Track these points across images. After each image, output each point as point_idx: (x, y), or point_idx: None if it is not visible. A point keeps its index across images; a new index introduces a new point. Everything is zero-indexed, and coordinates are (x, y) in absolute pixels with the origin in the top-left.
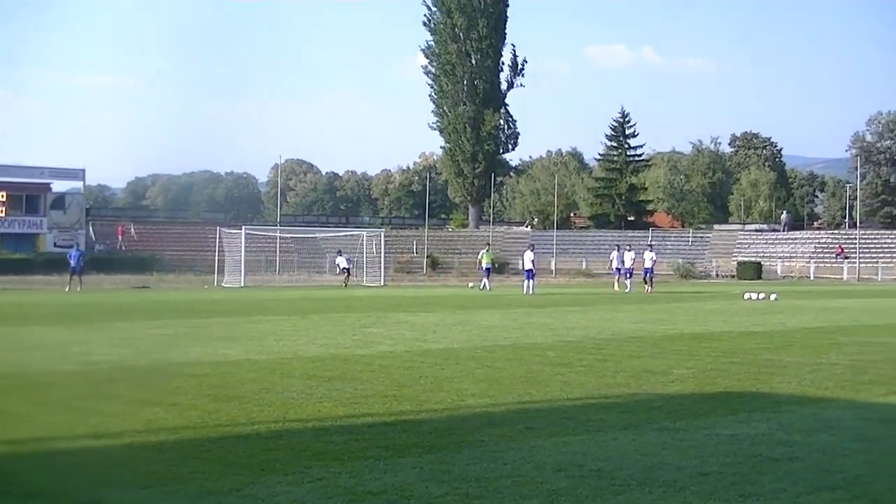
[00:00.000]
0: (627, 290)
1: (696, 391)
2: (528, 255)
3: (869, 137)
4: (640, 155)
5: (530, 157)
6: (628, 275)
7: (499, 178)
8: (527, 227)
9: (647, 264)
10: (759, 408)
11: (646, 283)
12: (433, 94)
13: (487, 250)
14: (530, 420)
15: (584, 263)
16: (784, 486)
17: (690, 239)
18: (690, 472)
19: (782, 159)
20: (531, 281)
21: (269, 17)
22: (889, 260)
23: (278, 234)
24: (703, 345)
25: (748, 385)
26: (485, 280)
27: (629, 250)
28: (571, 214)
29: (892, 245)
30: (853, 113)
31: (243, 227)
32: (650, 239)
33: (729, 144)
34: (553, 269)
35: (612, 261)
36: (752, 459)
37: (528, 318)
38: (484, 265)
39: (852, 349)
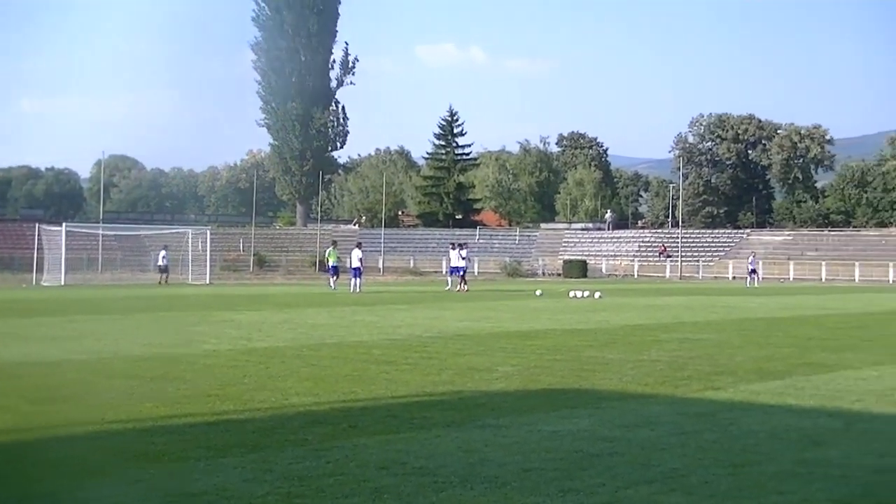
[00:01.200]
0: (447, 287)
1: (520, 388)
2: (356, 254)
3: (691, 139)
4: (468, 154)
5: (359, 155)
6: (456, 272)
7: (327, 176)
8: (355, 225)
9: (455, 263)
10: (581, 404)
11: (465, 282)
12: (261, 90)
13: (334, 248)
14: (355, 418)
15: (412, 262)
16: (604, 481)
17: (518, 238)
18: (513, 469)
19: (608, 159)
20: (358, 279)
21: (89, 9)
22: (710, 259)
23: (101, 232)
24: (527, 342)
25: (571, 382)
26: (332, 279)
27: (455, 249)
28: (400, 212)
29: (713, 244)
30: (677, 115)
31: (63, 224)
32: (477, 237)
33: (556, 144)
34: (381, 267)
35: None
36: (573, 455)
37: (354, 316)
38: (331, 263)
39: (672, 346)
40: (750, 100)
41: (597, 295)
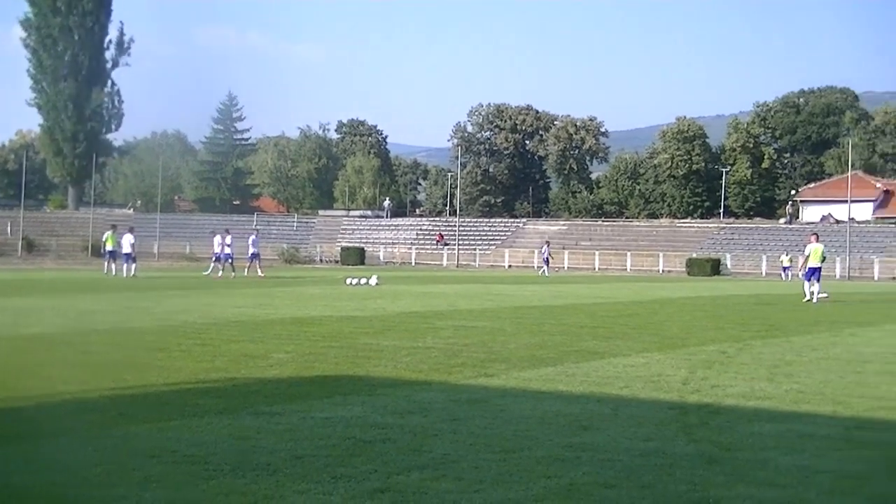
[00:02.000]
0: (217, 273)
1: (294, 375)
2: (128, 238)
3: (470, 128)
4: (247, 139)
5: (135, 137)
6: (226, 259)
7: (101, 159)
8: (130, 209)
9: (217, 249)
10: (355, 391)
11: (234, 269)
12: (31, 69)
13: (113, 232)
14: (125, 406)
15: (188, 247)
16: (375, 467)
17: (296, 224)
18: (284, 456)
19: (387, 147)
20: (132, 264)
21: None
22: (486, 247)
23: None
24: (303, 329)
25: (346, 369)
26: (111, 264)
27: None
28: (176, 197)
29: (490, 233)
30: (456, 104)
31: None
32: (255, 223)
33: (336, 131)
34: (156, 252)
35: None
36: (345, 442)
37: (127, 302)
38: (108, 248)
39: (448, 333)
40: (528, 91)
41: (373, 281)
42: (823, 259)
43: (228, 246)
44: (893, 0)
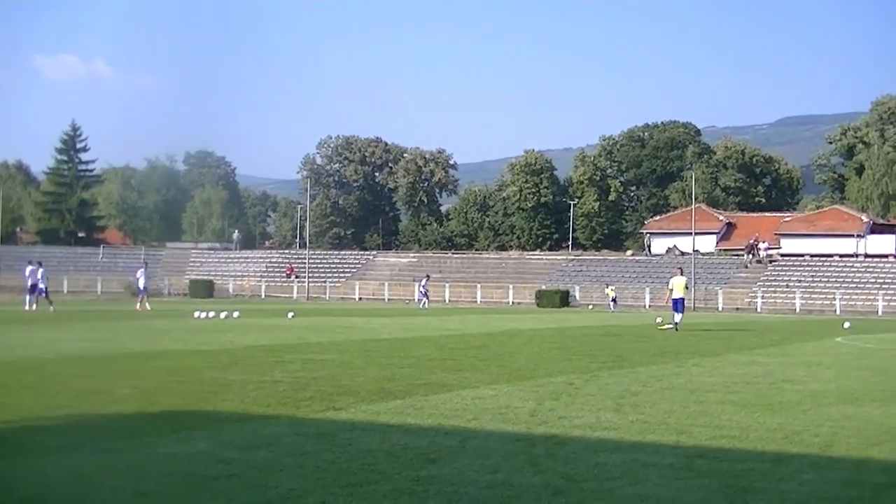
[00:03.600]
0: (30, 308)
1: (138, 410)
2: None
3: (319, 160)
4: (92, 170)
5: None
6: (43, 293)
7: None
8: None
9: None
10: (200, 426)
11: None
12: None
13: None
14: None
15: (30, 282)
16: (220, 503)
17: (143, 256)
18: (126, 493)
19: (236, 178)
20: None
21: None
22: (337, 279)
23: None
24: (149, 363)
25: (191, 403)
26: None
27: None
28: (18, 229)
29: (340, 265)
30: (305, 136)
31: None
32: (101, 256)
33: (183, 162)
34: None
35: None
36: (189, 478)
37: None
38: None
39: (296, 366)
40: (377, 123)
41: (235, 315)
42: (686, 289)
43: (40, 280)
44: (733, 40)
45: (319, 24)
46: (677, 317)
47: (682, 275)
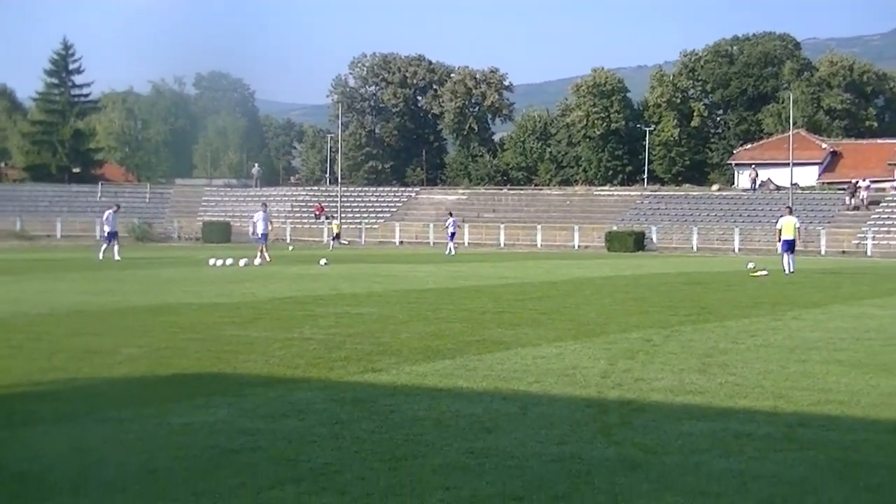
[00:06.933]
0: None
1: (147, 374)
2: None
3: (352, 82)
4: (87, 95)
5: None
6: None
7: None
8: None
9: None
10: (219, 391)
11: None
12: None
13: None
14: None
15: (18, 223)
16: (243, 481)
17: (148, 195)
18: (136, 470)
19: (255, 104)
20: None
21: None
22: (374, 221)
23: None
24: (158, 319)
25: (208, 365)
26: None
27: None
28: (2, 164)
29: (378, 204)
30: (335, 54)
31: None
32: (99, 195)
33: (194, 86)
34: None
35: None
36: (208, 451)
37: None
38: None
39: (328, 321)
40: (418, 39)
41: (242, 262)
42: (797, 231)
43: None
44: None
45: None
46: (786, 260)
47: (791, 214)
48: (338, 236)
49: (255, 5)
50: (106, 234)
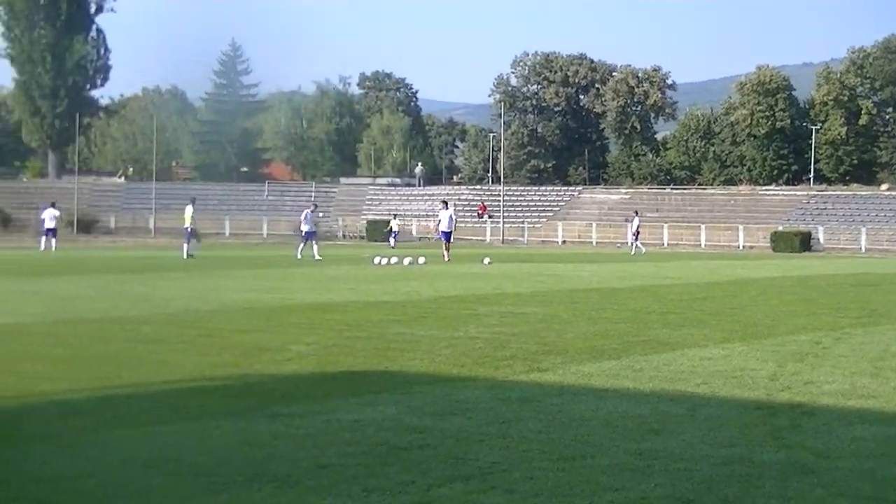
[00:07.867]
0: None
1: (315, 370)
2: (50, 212)
3: (514, 81)
4: (255, 95)
5: (122, 94)
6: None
7: (85, 119)
8: (120, 177)
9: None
10: (386, 388)
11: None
12: (2, 14)
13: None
14: (118, 408)
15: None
16: (413, 478)
17: (313, 194)
18: (306, 465)
19: (418, 104)
20: (52, 240)
21: None
22: (536, 220)
23: None
24: (325, 316)
25: (375, 363)
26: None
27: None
28: (174, 164)
29: (540, 203)
30: (497, 53)
31: None
32: (266, 194)
33: (358, 86)
34: (152, 227)
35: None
36: (377, 448)
37: (119, 286)
38: (187, 225)
39: (493, 321)
40: (581, 38)
41: (406, 261)
42: None
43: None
44: None
45: None
46: None
47: None
48: (394, 234)
49: (420, 5)
50: (304, 233)
